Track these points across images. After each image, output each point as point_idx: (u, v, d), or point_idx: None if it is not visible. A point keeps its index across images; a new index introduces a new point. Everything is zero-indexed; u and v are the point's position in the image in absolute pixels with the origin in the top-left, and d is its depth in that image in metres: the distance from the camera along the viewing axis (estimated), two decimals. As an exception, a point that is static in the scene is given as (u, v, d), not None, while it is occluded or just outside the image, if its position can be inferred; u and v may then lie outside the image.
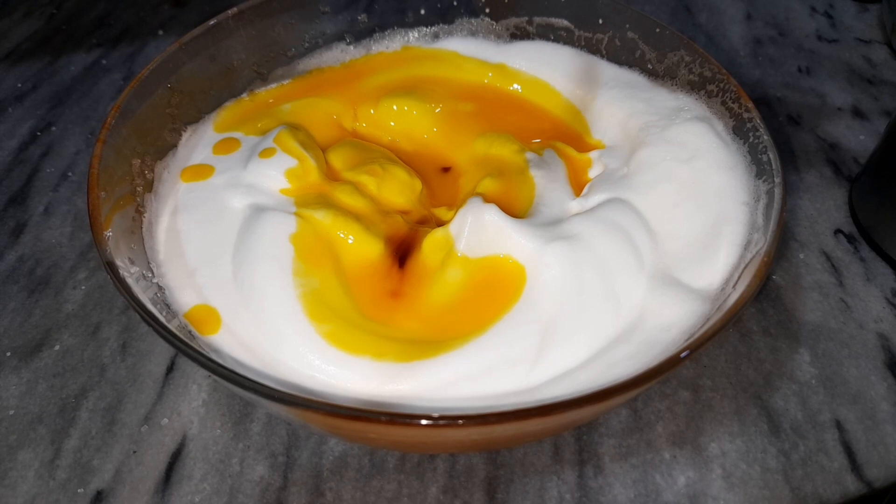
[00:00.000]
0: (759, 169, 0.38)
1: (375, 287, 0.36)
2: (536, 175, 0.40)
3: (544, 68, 0.49)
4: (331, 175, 0.41)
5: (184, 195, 0.39)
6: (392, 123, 0.46)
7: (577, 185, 0.42)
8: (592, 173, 0.43)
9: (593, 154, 0.44)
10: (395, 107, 0.46)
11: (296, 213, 0.37)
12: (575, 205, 0.40)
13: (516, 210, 0.38)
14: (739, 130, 0.40)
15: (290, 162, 0.40)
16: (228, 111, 0.46)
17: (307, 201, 0.39)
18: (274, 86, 0.48)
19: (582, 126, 0.46)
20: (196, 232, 0.37)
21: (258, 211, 0.37)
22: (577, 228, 0.36)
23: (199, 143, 0.43)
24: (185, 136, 0.43)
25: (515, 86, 0.49)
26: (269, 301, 0.33)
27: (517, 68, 0.49)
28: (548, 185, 0.40)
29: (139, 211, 0.38)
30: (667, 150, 0.40)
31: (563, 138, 0.45)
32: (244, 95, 0.47)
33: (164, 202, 0.39)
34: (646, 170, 0.40)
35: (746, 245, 0.36)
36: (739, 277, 0.34)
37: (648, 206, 0.38)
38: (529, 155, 0.41)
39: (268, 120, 0.44)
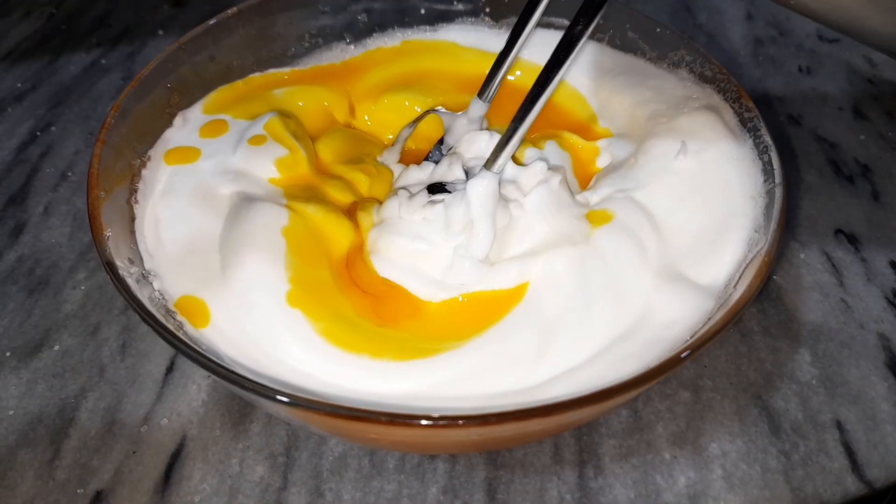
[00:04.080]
0: (760, 169, 0.38)
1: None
2: None
3: (547, 55, 0.48)
4: (320, 166, 0.40)
5: (169, 178, 0.38)
6: (393, 119, 0.45)
7: (584, 177, 0.41)
8: (601, 163, 0.42)
9: (601, 143, 0.43)
10: (394, 102, 0.45)
11: (287, 206, 0.36)
12: (580, 199, 0.39)
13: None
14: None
15: (281, 151, 0.39)
16: (219, 93, 0.44)
17: (296, 193, 0.38)
18: (269, 71, 0.47)
19: (588, 114, 0.46)
20: (182, 218, 0.36)
21: (248, 200, 0.36)
22: None
23: (185, 125, 0.41)
24: (176, 120, 0.42)
25: (518, 73, 0.48)
26: (262, 296, 0.33)
27: (519, 56, 0.48)
28: None
29: (133, 203, 0.37)
30: (674, 141, 0.39)
31: (570, 127, 0.44)
32: (238, 80, 0.46)
33: (150, 186, 0.38)
34: (653, 161, 0.39)
35: (752, 240, 0.35)
36: (740, 277, 0.34)
37: (655, 199, 0.37)
38: (529, 151, 0.41)
39: (258, 104, 0.43)
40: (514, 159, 0.38)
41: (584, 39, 0.32)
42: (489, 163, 0.35)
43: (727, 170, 0.38)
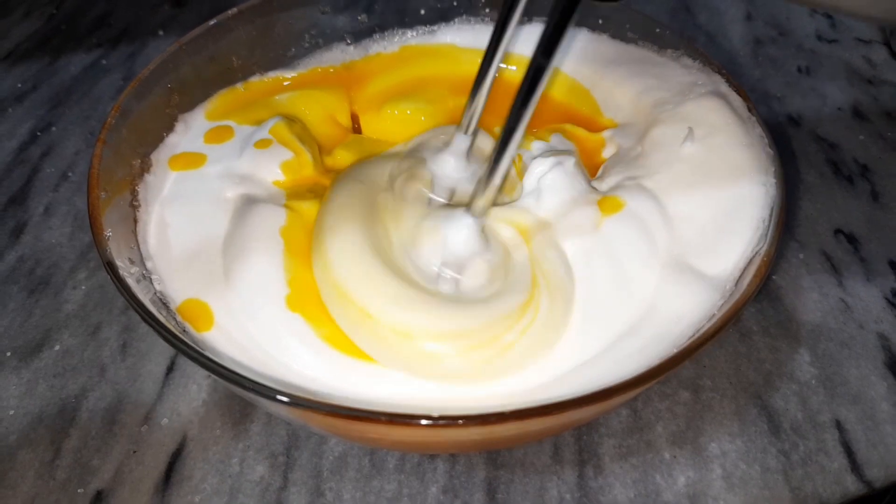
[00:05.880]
0: (768, 155, 0.37)
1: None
2: None
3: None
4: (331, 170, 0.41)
5: (175, 183, 0.39)
6: (397, 129, 0.45)
7: (591, 167, 0.41)
8: (606, 153, 0.42)
9: (606, 133, 0.42)
10: (396, 112, 0.45)
11: (285, 205, 0.36)
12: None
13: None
14: (739, 130, 0.40)
15: (287, 154, 0.39)
16: (221, 99, 0.45)
17: (298, 192, 0.38)
18: (269, 76, 0.47)
19: (591, 106, 0.45)
20: (189, 223, 0.37)
21: (249, 202, 0.37)
22: None
23: (188, 131, 0.42)
24: (176, 125, 0.42)
25: (513, 68, 0.48)
26: (262, 300, 0.33)
27: (518, 52, 0.48)
28: None
29: (135, 206, 0.37)
30: (681, 127, 0.38)
31: (573, 120, 0.44)
32: (238, 85, 0.46)
33: (154, 191, 0.38)
34: (659, 149, 0.38)
35: (760, 229, 0.35)
36: (742, 273, 0.34)
37: (663, 187, 0.37)
38: (536, 144, 0.40)
39: (262, 110, 0.43)
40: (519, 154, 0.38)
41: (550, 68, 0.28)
42: (471, 204, 0.33)
43: (735, 156, 0.37)
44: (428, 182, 0.38)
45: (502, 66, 0.48)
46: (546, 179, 0.35)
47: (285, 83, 0.47)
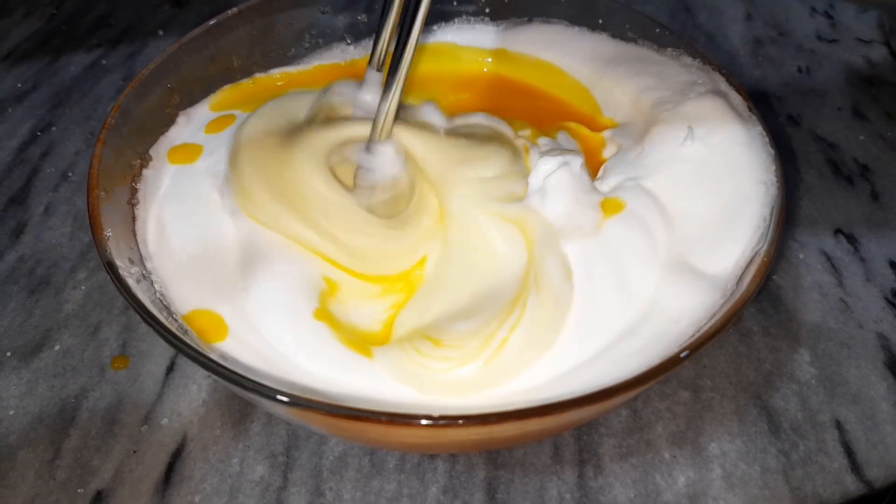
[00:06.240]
0: (769, 154, 0.37)
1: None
2: None
3: (547, 49, 0.48)
4: None
5: (172, 179, 0.38)
6: None
7: (592, 167, 0.41)
8: (607, 153, 0.42)
9: (606, 133, 0.43)
10: None
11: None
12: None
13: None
14: (739, 130, 0.40)
15: None
16: (227, 92, 0.45)
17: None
18: (276, 72, 0.47)
19: (592, 105, 0.45)
20: (184, 224, 0.36)
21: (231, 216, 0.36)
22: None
23: (191, 122, 0.42)
24: (178, 118, 0.42)
25: (518, 70, 0.48)
26: (287, 309, 0.32)
27: (518, 52, 0.48)
28: None
29: (133, 204, 0.37)
30: (681, 127, 0.39)
31: (573, 119, 0.44)
32: (245, 80, 0.46)
33: (153, 188, 0.38)
34: (660, 148, 0.39)
35: (761, 228, 0.35)
36: (743, 273, 0.34)
37: (664, 187, 0.37)
38: (542, 140, 0.40)
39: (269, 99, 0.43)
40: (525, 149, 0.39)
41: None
42: (373, 134, 0.36)
43: (736, 154, 0.37)
44: (348, 117, 0.40)
45: (487, 60, 0.49)
46: (552, 179, 0.36)
47: (293, 78, 0.47)
